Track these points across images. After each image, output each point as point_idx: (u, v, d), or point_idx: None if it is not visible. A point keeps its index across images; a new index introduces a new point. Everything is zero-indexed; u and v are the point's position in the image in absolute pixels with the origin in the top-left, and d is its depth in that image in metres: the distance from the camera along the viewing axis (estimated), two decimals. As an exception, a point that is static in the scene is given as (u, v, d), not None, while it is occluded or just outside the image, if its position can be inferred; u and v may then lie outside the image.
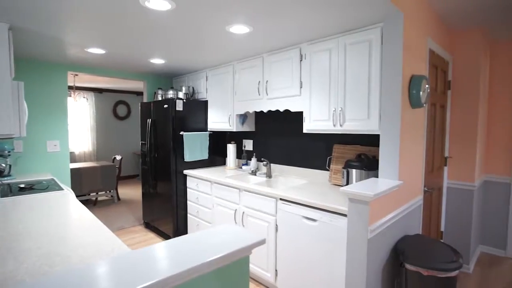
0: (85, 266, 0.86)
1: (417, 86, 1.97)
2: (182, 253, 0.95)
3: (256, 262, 2.57)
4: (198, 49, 2.83)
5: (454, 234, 2.92)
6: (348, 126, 2.21)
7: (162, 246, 1.00)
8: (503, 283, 2.67)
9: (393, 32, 1.89)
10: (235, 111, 3.28)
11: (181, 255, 0.94)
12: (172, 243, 1.02)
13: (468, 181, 2.82)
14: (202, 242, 1.03)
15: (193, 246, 1.00)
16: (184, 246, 1.00)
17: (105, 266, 0.87)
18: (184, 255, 0.93)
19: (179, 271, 0.84)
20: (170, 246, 1.00)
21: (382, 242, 1.82)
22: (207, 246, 1.00)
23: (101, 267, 0.86)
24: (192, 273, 0.88)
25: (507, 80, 3.12)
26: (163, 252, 0.95)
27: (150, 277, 0.80)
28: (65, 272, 0.82)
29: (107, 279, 0.79)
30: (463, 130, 2.83)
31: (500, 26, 2.69)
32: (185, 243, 1.02)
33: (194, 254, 0.94)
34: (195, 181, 3.32)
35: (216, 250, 0.96)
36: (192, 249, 0.98)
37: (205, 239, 1.06)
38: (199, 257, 0.92)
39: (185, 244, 1.02)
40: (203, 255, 0.93)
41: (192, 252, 0.95)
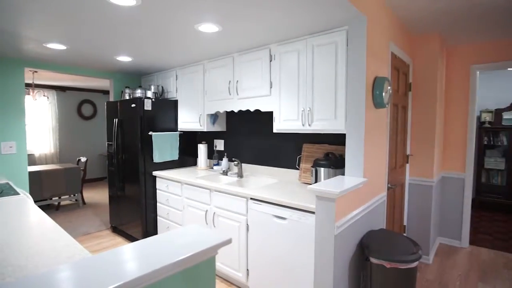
0: (43, 272, 0.81)
1: (380, 87, 2.06)
2: (146, 255, 0.92)
3: (228, 263, 2.56)
4: (166, 47, 2.76)
5: (415, 228, 3.09)
6: (316, 125, 2.27)
7: (125, 249, 0.96)
8: (459, 271, 2.87)
9: (357, 35, 1.96)
10: (205, 111, 3.24)
11: (145, 257, 0.91)
12: (136, 246, 0.99)
13: (427, 177, 3.00)
14: (167, 244, 1.00)
15: (158, 248, 0.98)
16: (149, 248, 0.98)
17: (66, 271, 0.82)
18: (148, 257, 0.91)
19: (143, 274, 0.81)
20: (134, 249, 0.97)
21: (348, 238, 1.89)
22: (172, 248, 0.98)
23: (62, 272, 0.81)
24: (157, 275, 0.86)
25: (461, 83, 3.36)
26: (126, 255, 0.92)
27: (113, 281, 0.76)
28: (19, 281, 0.76)
29: (69, 284, 0.75)
30: (423, 129, 3.01)
31: (455, 33, 2.89)
32: (150, 245, 1.00)
33: (158, 256, 0.91)
34: (165, 182, 3.24)
35: (181, 252, 0.94)
36: (156, 251, 0.95)
37: (170, 241, 1.03)
38: (164, 259, 0.90)
39: (150, 246, 0.99)
40: (168, 256, 0.91)
41: (156, 254, 0.93)
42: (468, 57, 3.32)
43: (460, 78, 3.37)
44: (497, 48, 3.15)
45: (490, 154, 4.96)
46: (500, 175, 4.87)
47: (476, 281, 2.69)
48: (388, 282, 1.85)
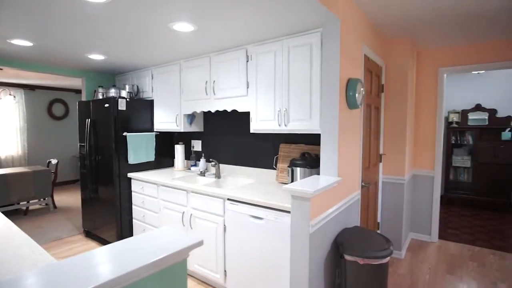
0: (6, 280, 0.77)
1: (353, 89, 2.12)
2: (117, 259, 0.90)
3: (205, 264, 2.54)
4: (140, 46, 2.70)
5: (388, 224, 3.21)
6: (292, 126, 2.30)
7: (95, 253, 0.93)
8: (429, 264, 3.00)
9: (331, 37, 2.00)
10: (182, 111, 3.20)
11: (116, 261, 0.88)
12: (106, 249, 0.96)
13: (399, 176, 3.11)
14: (138, 247, 0.98)
15: (129, 251, 0.95)
16: (119, 251, 0.95)
17: (32, 278, 0.78)
18: (119, 260, 0.89)
19: (113, 277, 0.80)
20: (104, 252, 0.94)
21: (323, 236, 1.92)
22: (143, 251, 0.95)
23: (27, 279, 0.77)
24: (127, 278, 0.84)
25: (430, 85, 3.52)
26: (96, 259, 0.89)
27: (79, 286, 0.74)
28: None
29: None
30: (395, 129, 3.12)
31: (424, 37, 3.02)
32: (120, 249, 0.97)
33: (129, 259, 0.89)
34: (141, 184, 3.16)
35: (153, 254, 0.93)
36: (127, 254, 0.93)
37: (141, 243, 1.01)
38: (135, 262, 0.88)
39: (120, 249, 0.97)
40: (139, 259, 0.89)
41: (127, 257, 0.91)
42: (436, 60, 3.48)
43: (429, 81, 3.53)
44: (462, 53, 3.32)
45: (457, 153, 5.22)
46: (467, 172, 5.15)
47: (444, 273, 2.82)
48: (362, 278, 1.90)
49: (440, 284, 2.63)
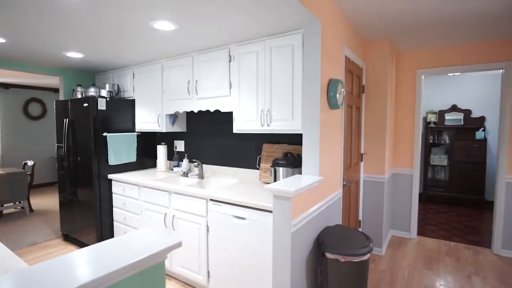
0: None
1: (334, 89, 2.15)
2: (94, 261, 0.88)
3: (188, 266, 2.51)
4: (120, 44, 2.64)
5: (370, 222, 3.28)
6: (275, 126, 2.31)
7: (70, 256, 0.91)
8: (408, 260, 3.09)
9: (312, 38, 2.02)
10: (164, 111, 3.15)
11: (93, 263, 0.86)
12: (82, 252, 0.94)
13: (380, 174, 3.19)
14: (116, 249, 0.96)
15: (107, 253, 0.93)
16: (97, 254, 0.93)
17: (5, 282, 0.75)
18: (96, 263, 0.87)
19: (90, 279, 0.77)
20: (80, 256, 0.91)
21: (305, 235, 1.94)
22: (121, 253, 0.93)
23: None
24: (105, 281, 0.82)
25: (409, 86, 3.62)
26: (71, 263, 0.86)
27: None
28: None
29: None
30: (375, 129, 3.20)
31: (403, 40, 3.11)
32: (98, 251, 0.95)
33: (107, 262, 0.88)
34: (122, 185, 3.09)
35: (130, 256, 0.91)
36: (105, 256, 0.91)
37: (119, 246, 0.99)
38: (112, 264, 0.86)
39: (98, 252, 0.94)
40: (116, 262, 0.88)
41: (105, 259, 0.89)
42: (414, 62, 3.59)
43: (408, 82, 3.63)
44: (439, 55, 3.45)
45: (435, 152, 5.41)
46: (444, 170, 5.34)
47: (422, 269, 2.92)
48: (343, 275, 1.94)
49: (418, 279, 2.71)
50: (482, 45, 3.22)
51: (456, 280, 2.70)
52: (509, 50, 3.11)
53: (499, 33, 2.92)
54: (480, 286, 2.60)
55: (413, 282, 2.67)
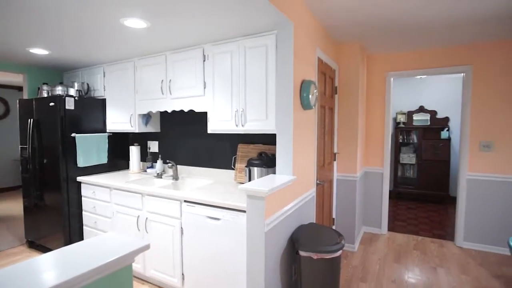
0: None
1: (307, 90, 2.20)
2: (57, 266, 0.84)
3: (162, 269, 2.46)
4: (89, 41, 2.54)
5: (343, 219, 3.37)
6: (249, 126, 2.32)
7: (33, 261, 0.86)
8: (379, 255, 3.21)
9: (285, 39, 2.06)
10: (137, 111, 3.07)
11: (56, 268, 0.83)
12: (46, 257, 0.90)
13: (352, 173, 3.29)
14: (82, 253, 0.93)
15: (72, 258, 0.90)
16: (60, 259, 0.89)
17: None
18: (59, 268, 0.83)
19: (53, 284, 0.74)
20: (43, 261, 0.87)
21: (279, 234, 1.97)
22: (87, 257, 0.90)
23: None
24: (69, 286, 0.79)
25: (379, 88, 3.77)
26: (34, 268, 0.82)
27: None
28: None
29: None
30: (347, 129, 3.29)
31: (373, 43, 3.23)
32: (62, 256, 0.91)
33: (72, 266, 0.84)
34: (91, 188, 2.98)
35: (96, 260, 0.88)
36: (70, 261, 0.88)
37: (85, 250, 0.96)
38: (77, 269, 0.84)
39: (62, 257, 0.91)
40: (81, 266, 0.85)
41: (70, 264, 0.86)
42: (384, 65, 3.74)
43: (378, 84, 3.78)
44: (407, 59, 3.61)
45: (404, 151, 5.66)
46: (412, 168, 5.60)
47: (392, 262, 3.04)
48: (316, 272, 1.98)
49: (388, 273, 2.83)
50: (446, 50, 3.42)
51: (423, 272, 2.84)
52: (469, 56, 3.32)
53: (461, 40, 3.11)
54: (444, 276, 2.76)
55: (384, 275, 2.78)
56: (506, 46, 3.16)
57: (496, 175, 3.24)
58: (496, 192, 3.25)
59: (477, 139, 3.32)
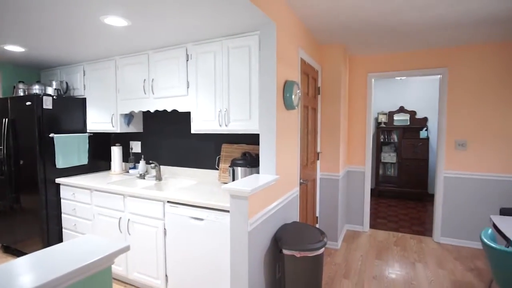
0: None
1: (290, 90, 2.22)
2: (33, 270, 0.82)
3: (145, 271, 2.43)
4: (68, 39, 2.47)
5: (326, 218, 3.43)
6: (233, 126, 2.33)
7: (7, 266, 0.84)
8: (361, 252, 3.29)
9: (268, 40, 2.07)
10: (119, 111, 3.01)
11: (32, 272, 0.81)
12: (21, 261, 0.88)
13: (334, 172, 3.35)
14: (58, 257, 0.91)
15: (49, 261, 0.88)
16: (36, 262, 0.87)
17: None
18: (35, 272, 0.81)
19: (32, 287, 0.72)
20: (18, 265, 0.85)
21: (262, 233, 1.99)
22: (64, 260, 0.89)
23: None
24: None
25: (361, 88, 3.86)
26: (8, 272, 0.80)
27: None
28: None
29: None
30: (330, 129, 3.35)
31: (355, 45, 3.30)
32: (38, 259, 0.89)
33: (48, 270, 0.82)
34: (71, 190, 2.90)
35: (75, 263, 0.86)
36: (47, 264, 0.86)
37: (63, 253, 0.94)
38: (52, 272, 0.82)
39: (38, 260, 0.89)
40: (59, 269, 0.83)
41: (45, 268, 0.84)
42: (365, 66, 3.83)
43: (360, 84, 3.87)
44: (387, 61, 3.72)
45: (385, 150, 5.81)
46: (393, 167, 5.77)
47: (374, 259, 3.12)
48: (299, 270, 2.01)
49: (369, 269, 2.90)
50: (424, 53, 3.54)
51: (402, 267, 2.94)
52: (445, 58, 3.45)
53: (438, 43, 3.23)
54: (422, 271, 2.86)
55: (365, 272, 2.85)
56: (479, 50, 3.31)
57: (471, 172, 3.39)
58: (470, 189, 3.40)
59: (453, 138, 3.46)
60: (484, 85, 3.31)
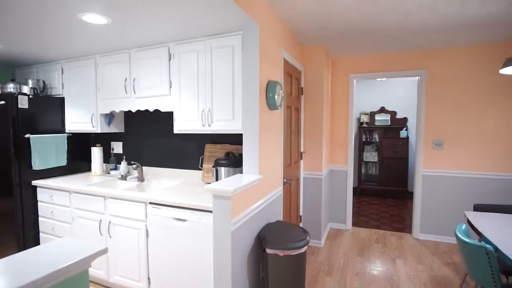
0: None
1: (273, 90, 2.24)
2: (7, 274, 0.79)
3: (127, 274, 2.38)
4: (45, 36, 2.39)
5: (310, 216, 3.48)
6: (216, 126, 2.32)
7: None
8: (343, 249, 3.35)
9: (251, 40, 2.08)
10: (99, 110, 2.94)
11: (5, 276, 0.78)
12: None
13: (318, 171, 3.40)
14: (33, 260, 0.88)
15: (22, 265, 0.85)
16: (9, 266, 0.84)
17: None
18: (9, 276, 0.78)
19: None
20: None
21: (246, 232, 1.99)
22: (39, 264, 0.86)
23: None
24: None
25: (343, 89, 3.93)
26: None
27: None
28: None
29: None
30: (313, 129, 3.40)
31: (337, 46, 3.36)
32: (11, 263, 0.86)
33: (22, 274, 0.80)
34: (49, 192, 2.80)
35: (50, 266, 0.84)
36: (19, 268, 0.83)
37: (37, 257, 0.91)
38: (27, 277, 0.79)
39: (11, 264, 0.85)
40: (32, 274, 0.80)
41: (19, 272, 0.81)
42: (347, 67, 3.90)
43: (342, 85, 3.94)
44: (369, 62, 3.80)
45: (367, 149, 5.95)
46: (375, 166, 5.91)
47: (356, 256, 3.19)
48: (282, 268, 2.03)
49: (352, 266, 2.96)
50: (404, 55, 3.65)
51: (383, 263, 3.01)
52: (425, 60, 3.57)
53: (418, 45, 3.34)
54: (402, 267, 2.95)
55: (348, 269, 2.91)
56: (456, 53, 3.44)
57: (447, 170, 3.52)
58: (446, 186, 3.53)
59: (430, 137, 3.58)
60: (460, 87, 3.45)
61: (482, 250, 1.60)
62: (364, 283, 2.65)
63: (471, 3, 2.19)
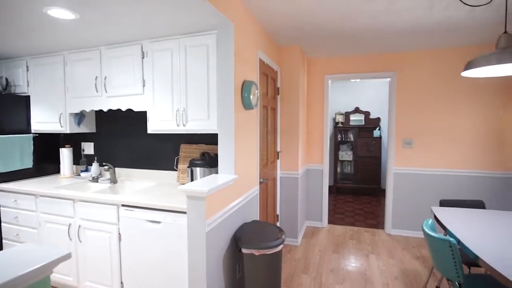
0: None
1: (248, 90, 2.24)
2: None
3: (98, 280, 2.30)
4: (7, 31, 2.26)
5: (287, 215, 3.52)
6: (191, 125, 2.29)
7: None
8: (319, 247, 3.42)
9: (226, 40, 2.07)
10: (68, 110, 2.81)
11: None
12: None
13: (294, 171, 3.45)
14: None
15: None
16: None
17: None
18: None
19: None
20: None
21: (221, 233, 1.98)
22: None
23: None
24: None
25: (319, 89, 4.01)
26: None
27: None
28: None
29: None
30: (289, 129, 3.44)
31: (311, 47, 3.42)
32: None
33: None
34: (12, 196, 2.65)
35: (4, 274, 0.79)
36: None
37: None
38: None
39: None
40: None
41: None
42: (323, 68, 3.98)
43: (317, 85, 4.01)
44: (342, 63, 3.90)
45: (342, 149, 6.10)
46: (350, 165, 6.07)
47: (331, 253, 3.26)
48: (258, 268, 2.03)
49: (327, 263, 3.03)
50: (376, 57, 3.77)
51: (357, 259, 3.10)
52: (395, 62, 3.71)
53: (389, 48, 3.47)
54: (375, 261, 3.05)
55: (323, 266, 2.97)
56: (423, 55, 3.61)
57: (416, 168, 3.68)
58: (415, 183, 3.70)
59: (401, 137, 3.74)
60: (427, 88, 3.62)
61: (446, 243, 1.68)
62: (338, 279, 2.72)
63: (436, 6, 2.31)
